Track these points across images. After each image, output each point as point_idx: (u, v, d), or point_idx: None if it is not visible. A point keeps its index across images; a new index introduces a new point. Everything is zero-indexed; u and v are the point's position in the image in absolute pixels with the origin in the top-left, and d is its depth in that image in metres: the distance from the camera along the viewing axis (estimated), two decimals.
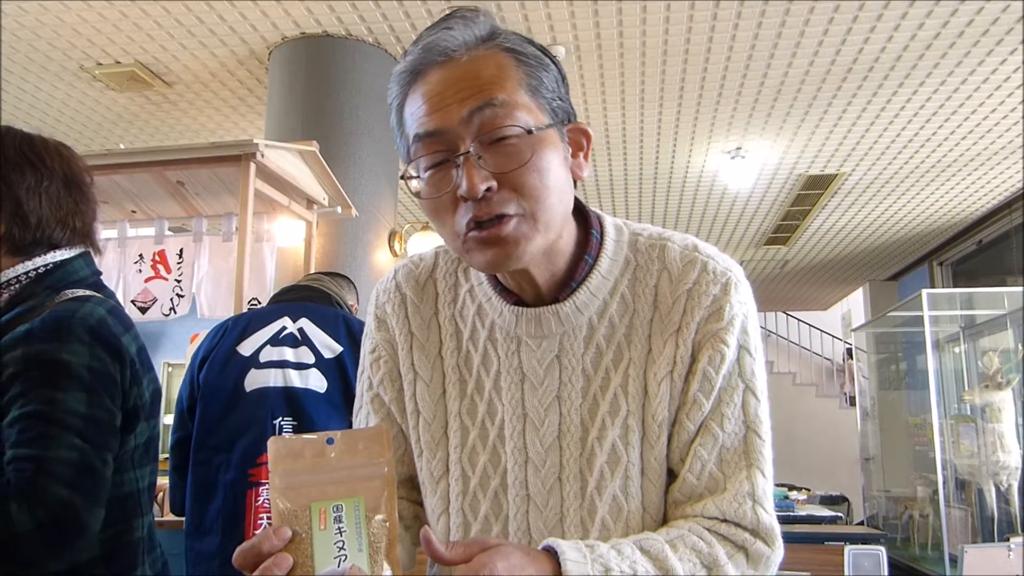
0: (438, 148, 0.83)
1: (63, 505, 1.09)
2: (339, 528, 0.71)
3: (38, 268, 1.27)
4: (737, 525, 0.86)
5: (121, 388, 1.23)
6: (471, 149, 0.81)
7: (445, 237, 0.88)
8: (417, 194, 0.86)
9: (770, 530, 0.87)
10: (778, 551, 0.87)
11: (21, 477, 1.09)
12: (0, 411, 1.15)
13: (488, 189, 0.81)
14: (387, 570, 0.71)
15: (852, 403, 11.87)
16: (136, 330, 1.31)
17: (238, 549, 0.71)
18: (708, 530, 0.86)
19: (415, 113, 0.85)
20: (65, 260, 1.30)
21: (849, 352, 12.74)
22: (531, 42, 0.88)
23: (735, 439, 0.89)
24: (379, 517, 0.72)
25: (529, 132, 0.82)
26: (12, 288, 1.26)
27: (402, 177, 0.87)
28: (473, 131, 0.82)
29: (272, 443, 0.74)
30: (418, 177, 0.86)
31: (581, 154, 0.91)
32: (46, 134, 1.34)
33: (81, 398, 1.16)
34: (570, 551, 0.76)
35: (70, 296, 1.26)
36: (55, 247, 1.30)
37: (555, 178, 0.84)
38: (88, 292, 1.29)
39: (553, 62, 0.88)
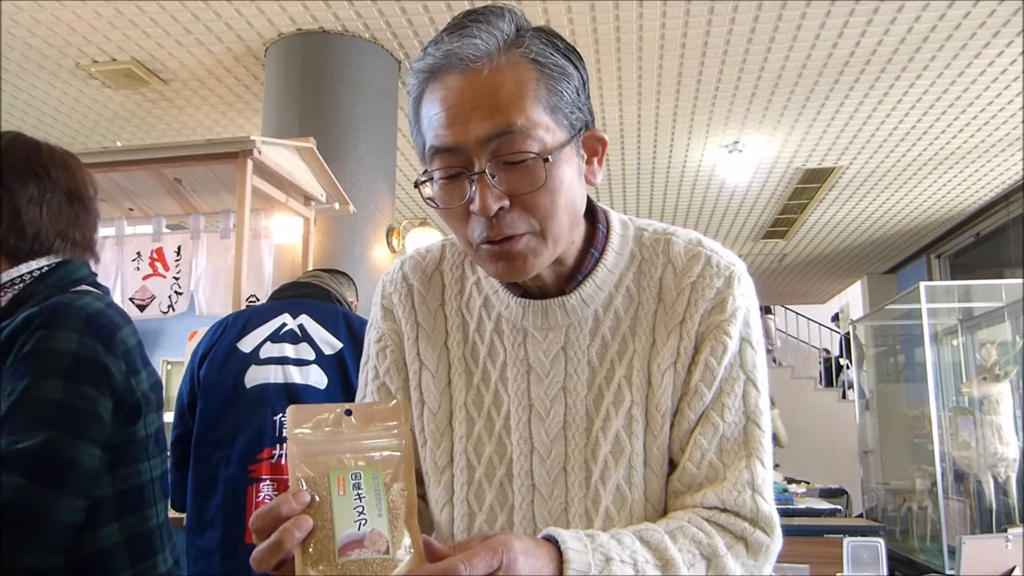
0: (453, 163, 0.84)
1: (18, 493, 1.06)
2: (359, 494, 0.71)
3: (42, 268, 1.29)
4: (736, 514, 0.87)
5: (115, 378, 1.22)
6: (486, 169, 0.82)
7: (458, 240, 0.90)
8: (430, 200, 0.87)
9: (769, 519, 0.88)
10: (777, 540, 0.88)
11: None
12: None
13: (501, 208, 0.82)
14: (407, 536, 0.71)
15: (775, 361, 11.93)
16: (134, 326, 1.31)
17: (255, 513, 0.71)
18: (707, 521, 0.86)
19: (432, 119, 0.84)
20: (64, 261, 1.31)
21: (765, 309, 12.81)
22: (556, 46, 0.86)
23: (735, 429, 0.90)
24: (398, 485, 0.73)
25: (546, 160, 0.82)
26: (15, 288, 1.27)
27: (416, 184, 0.88)
28: (489, 152, 0.82)
29: (291, 411, 0.74)
30: (430, 180, 0.86)
31: (595, 160, 0.91)
32: (43, 133, 1.35)
33: (57, 385, 1.14)
34: (571, 540, 0.76)
35: (72, 291, 1.28)
36: (53, 256, 1.32)
37: (567, 196, 0.85)
38: (88, 288, 1.31)
39: (577, 67, 0.88)
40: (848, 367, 11.70)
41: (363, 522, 0.70)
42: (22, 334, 1.17)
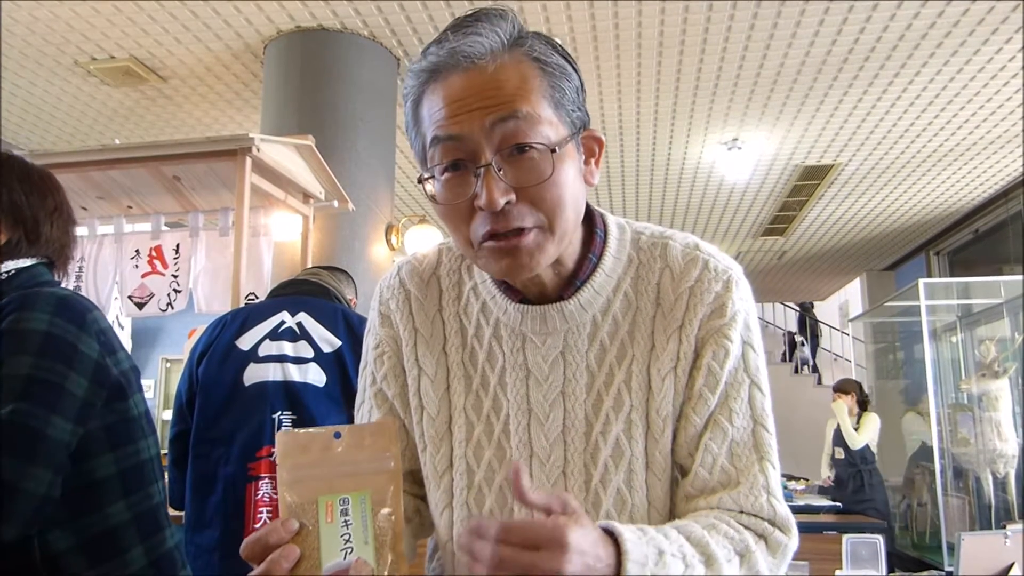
0: (457, 154, 0.83)
1: None
2: (345, 521, 0.71)
3: (9, 271, 1.32)
4: (756, 516, 0.88)
5: (88, 356, 1.24)
6: (492, 161, 0.81)
7: (458, 242, 0.88)
8: (432, 198, 0.86)
9: (786, 520, 0.89)
10: (794, 540, 0.89)
11: None
12: None
13: (507, 203, 0.81)
14: (393, 563, 0.72)
15: None
16: (102, 312, 1.37)
17: (245, 541, 0.72)
18: (732, 519, 0.87)
19: (434, 115, 0.84)
20: (30, 265, 1.36)
21: None
22: (555, 48, 0.87)
23: (744, 433, 0.90)
24: (385, 511, 0.73)
25: (552, 150, 0.82)
26: None
27: (419, 181, 0.87)
28: (495, 142, 0.81)
29: (280, 437, 0.74)
30: (433, 178, 0.85)
31: (593, 160, 0.92)
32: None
33: (26, 361, 1.16)
34: (627, 532, 0.75)
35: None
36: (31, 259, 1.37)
37: (571, 191, 0.85)
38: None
39: (575, 70, 0.88)
40: (803, 343, 11.87)
41: (349, 550, 0.70)
42: None
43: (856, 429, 5.78)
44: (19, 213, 1.33)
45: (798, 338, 12.16)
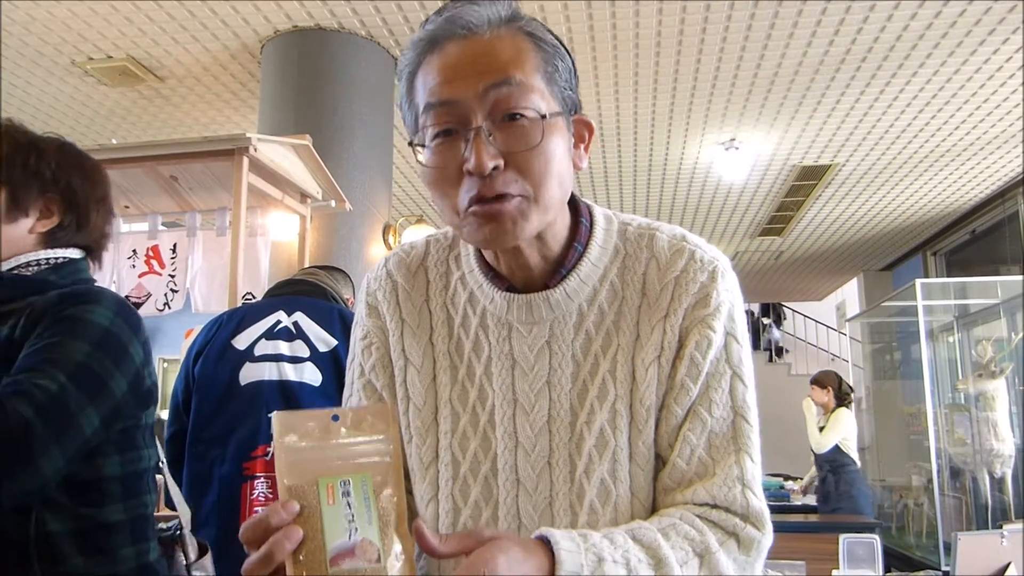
0: (449, 119, 0.84)
1: (21, 423, 1.08)
2: (348, 502, 0.70)
3: (59, 258, 1.35)
4: (727, 510, 0.87)
5: (133, 360, 1.27)
6: (483, 125, 0.82)
7: (443, 209, 0.88)
8: (422, 164, 0.87)
9: (759, 514, 0.88)
10: (768, 535, 0.88)
11: None
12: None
13: (495, 167, 0.82)
14: (397, 544, 0.71)
15: None
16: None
17: (244, 524, 0.70)
18: (699, 517, 0.86)
19: (428, 83, 0.85)
20: (76, 258, 1.39)
21: None
22: (550, 31, 0.89)
23: (723, 424, 0.90)
24: (387, 491, 0.72)
25: (542, 117, 0.84)
26: (30, 268, 1.32)
27: (410, 144, 0.88)
28: (487, 107, 0.83)
29: (276, 418, 0.73)
30: (424, 145, 0.86)
31: (582, 145, 0.93)
32: (38, 130, 1.46)
33: (85, 349, 1.20)
34: (564, 541, 0.76)
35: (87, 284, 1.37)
36: (73, 249, 1.40)
37: (559, 164, 0.86)
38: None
39: (568, 54, 0.90)
40: (770, 326, 11.86)
41: (354, 530, 0.69)
42: (57, 304, 1.24)
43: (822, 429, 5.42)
44: (73, 198, 1.37)
45: (765, 320, 12.13)
